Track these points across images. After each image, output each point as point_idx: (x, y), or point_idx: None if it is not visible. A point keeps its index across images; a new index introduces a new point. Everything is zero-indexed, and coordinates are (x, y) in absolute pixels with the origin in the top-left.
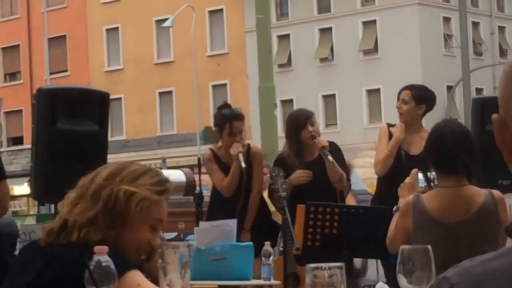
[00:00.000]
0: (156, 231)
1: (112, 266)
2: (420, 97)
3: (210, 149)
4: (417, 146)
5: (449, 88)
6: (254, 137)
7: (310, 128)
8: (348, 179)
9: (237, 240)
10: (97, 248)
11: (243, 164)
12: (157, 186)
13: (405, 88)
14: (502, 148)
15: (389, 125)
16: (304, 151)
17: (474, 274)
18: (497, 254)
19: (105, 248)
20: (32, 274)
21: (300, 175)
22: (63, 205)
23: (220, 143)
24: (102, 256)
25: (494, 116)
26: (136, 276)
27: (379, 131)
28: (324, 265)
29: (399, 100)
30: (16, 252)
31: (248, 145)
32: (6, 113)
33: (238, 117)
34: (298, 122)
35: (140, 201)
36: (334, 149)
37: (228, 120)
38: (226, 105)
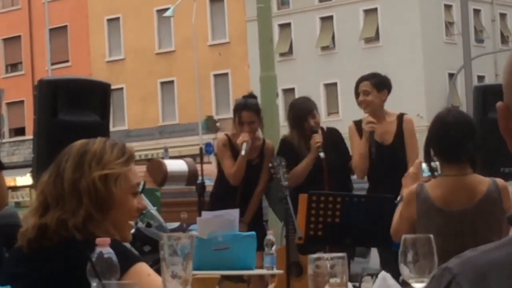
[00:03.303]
0: (138, 194)
1: (114, 258)
2: (380, 84)
3: (226, 134)
4: (389, 134)
5: (451, 75)
6: None
7: (311, 122)
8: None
9: None
10: (99, 240)
11: (243, 152)
12: (122, 157)
13: (362, 79)
14: (506, 136)
15: (356, 123)
16: (308, 140)
17: (476, 265)
18: (499, 244)
19: (107, 240)
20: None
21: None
22: (35, 210)
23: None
24: (104, 248)
25: (499, 104)
26: (145, 267)
27: (349, 131)
28: (326, 255)
29: (360, 94)
30: None
31: (264, 140)
32: (8, 104)
33: (248, 107)
34: (300, 115)
35: (117, 180)
36: (336, 136)
37: (238, 109)
38: (249, 95)
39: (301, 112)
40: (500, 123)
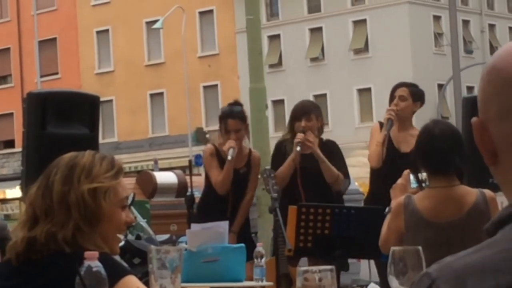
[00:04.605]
0: (126, 207)
1: (103, 271)
2: (417, 94)
3: (213, 144)
4: (407, 144)
5: (440, 86)
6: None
7: (303, 123)
8: (348, 177)
9: None
10: (87, 254)
11: (229, 157)
12: (111, 170)
13: (401, 85)
14: (482, 150)
15: (381, 123)
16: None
17: (454, 269)
18: (477, 248)
19: (96, 254)
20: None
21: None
22: (24, 223)
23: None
24: (92, 261)
25: (473, 119)
26: (134, 280)
27: (371, 129)
28: (314, 268)
29: (396, 98)
30: None
31: (250, 150)
32: None
33: (233, 115)
34: (296, 114)
35: (106, 193)
36: (331, 148)
37: (224, 117)
38: (234, 103)
39: (297, 111)
40: (476, 138)
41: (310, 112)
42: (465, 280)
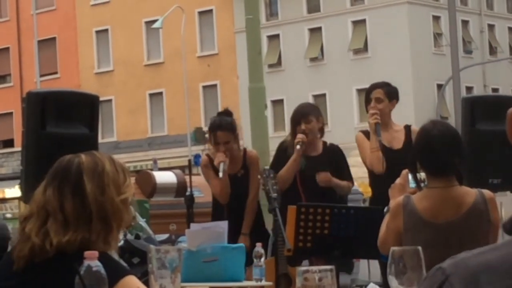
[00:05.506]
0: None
1: (103, 271)
2: (391, 93)
3: (207, 154)
4: (396, 141)
5: (439, 86)
6: (244, 137)
7: (303, 126)
8: (352, 180)
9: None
10: (87, 253)
11: (220, 174)
12: (127, 178)
13: (375, 87)
14: None
15: (364, 132)
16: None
17: (469, 265)
18: (493, 246)
19: (95, 253)
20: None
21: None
22: (57, 232)
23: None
24: (92, 261)
25: (510, 109)
26: (134, 280)
27: (356, 140)
28: (314, 268)
29: (372, 100)
30: None
31: (244, 150)
32: None
33: (222, 127)
34: (295, 118)
35: (130, 200)
36: (337, 153)
37: (212, 129)
38: (223, 112)
39: (296, 115)
40: (508, 129)
41: (308, 114)
42: (479, 278)
